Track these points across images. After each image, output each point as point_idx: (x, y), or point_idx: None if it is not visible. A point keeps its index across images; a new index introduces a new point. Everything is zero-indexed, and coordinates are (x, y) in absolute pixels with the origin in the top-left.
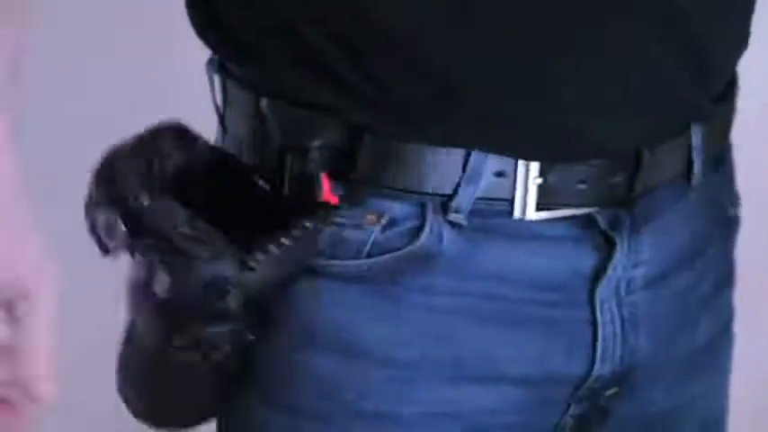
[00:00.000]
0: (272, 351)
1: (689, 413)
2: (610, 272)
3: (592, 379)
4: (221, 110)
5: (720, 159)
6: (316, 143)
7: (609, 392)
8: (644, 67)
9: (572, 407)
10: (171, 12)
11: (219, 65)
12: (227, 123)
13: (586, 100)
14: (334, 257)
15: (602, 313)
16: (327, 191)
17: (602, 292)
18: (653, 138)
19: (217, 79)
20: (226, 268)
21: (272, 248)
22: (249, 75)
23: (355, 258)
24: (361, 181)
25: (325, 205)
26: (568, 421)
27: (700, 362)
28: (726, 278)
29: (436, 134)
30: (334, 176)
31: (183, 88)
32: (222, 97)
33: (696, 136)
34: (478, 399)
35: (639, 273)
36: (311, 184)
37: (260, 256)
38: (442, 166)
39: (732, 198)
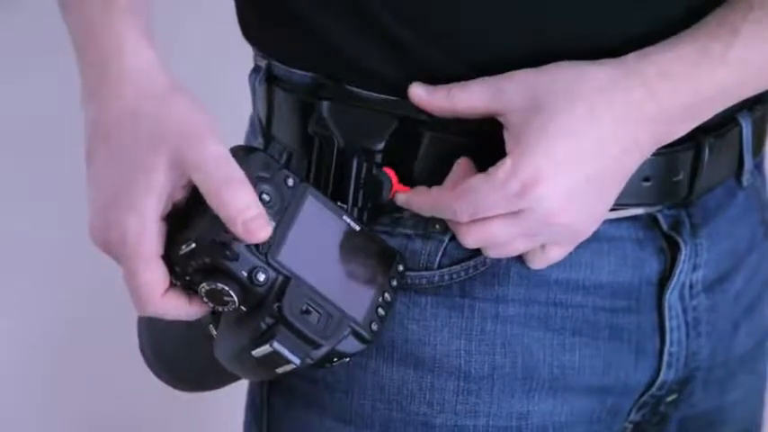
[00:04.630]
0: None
1: (727, 418)
2: (676, 276)
3: (657, 385)
4: (264, 120)
5: (761, 162)
6: (380, 145)
7: (670, 399)
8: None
9: (632, 413)
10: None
11: (266, 73)
12: (274, 132)
13: None
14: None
15: (670, 319)
16: (396, 181)
17: (670, 297)
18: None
19: (261, 89)
20: (346, 346)
21: (383, 312)
22: (306, 80)
23: (427, 270)
24: (424, 183)
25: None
26: (627, 427)
27: (739, 368)
28: (766, 285)
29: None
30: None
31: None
32: (267, 106)
33: (746, 127)
34: (549, 411)
35: (699, 276)
36: (379, 184)
37: (375, 327)
38: None
39: None
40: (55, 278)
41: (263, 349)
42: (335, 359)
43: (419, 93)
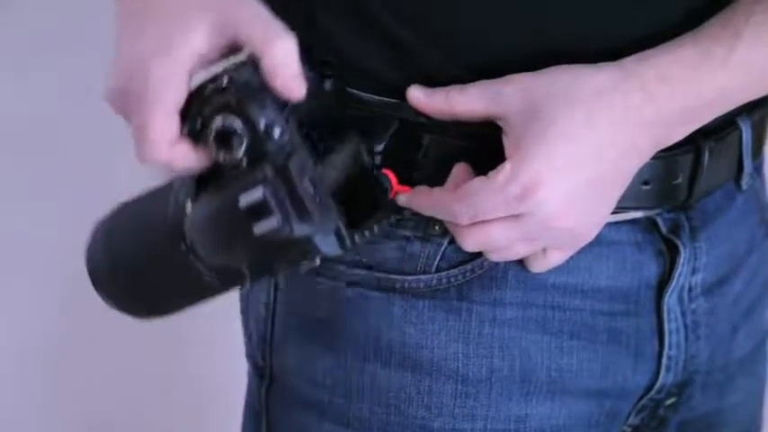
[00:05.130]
0: (339, 364)
1: (726, 421)
2: (675, 279)
3: (656, 389)
4: None
5: (760, 164)
6: (379, 147)
7: (669, 402)
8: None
9: (630, 417)
10: None
11: None
12: None
13: None
14: (402, 273)
15: (668, 322)
16: (396, 182)
17: (668, 300)
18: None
19: None
20: (324, 243)
21: (368, 234)
22: None
23: (424, 273)
24: (424, 185)
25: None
26: (626, 431)
27: (739, 371)
28: (765, 287)
29: None
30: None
31: None
32: None
33: (746, 131)
34: (547, 415)
35: (698, 279)
36: (379, 185)
37: (357, 239)
38: None
39: None
40: (55, 278)
41: (253, 194)
42: (308, 255)
43: (417, 95)
